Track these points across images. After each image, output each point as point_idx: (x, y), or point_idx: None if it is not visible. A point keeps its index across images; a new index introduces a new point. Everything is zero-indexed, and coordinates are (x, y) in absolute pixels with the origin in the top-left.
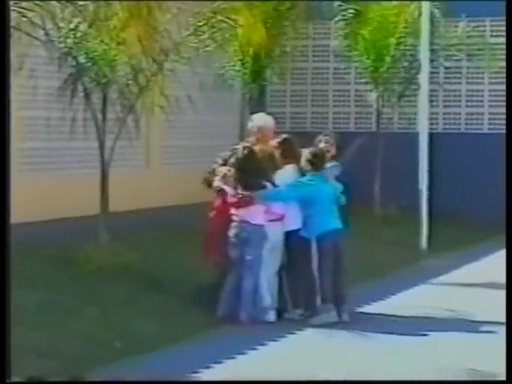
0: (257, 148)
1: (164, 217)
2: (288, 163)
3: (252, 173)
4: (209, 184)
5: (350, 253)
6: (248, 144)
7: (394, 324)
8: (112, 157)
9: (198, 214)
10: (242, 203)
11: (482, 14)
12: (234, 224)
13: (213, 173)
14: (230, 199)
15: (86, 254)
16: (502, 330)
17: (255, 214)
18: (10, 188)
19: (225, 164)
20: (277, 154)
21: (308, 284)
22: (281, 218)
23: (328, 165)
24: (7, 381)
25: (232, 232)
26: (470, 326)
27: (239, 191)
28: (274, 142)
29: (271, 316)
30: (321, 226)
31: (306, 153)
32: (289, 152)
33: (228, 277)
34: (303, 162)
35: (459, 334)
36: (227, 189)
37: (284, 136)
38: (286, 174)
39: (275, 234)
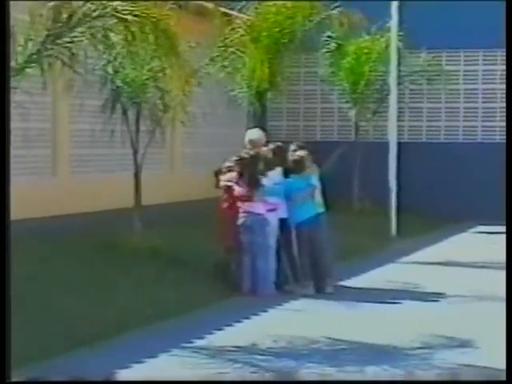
0: (251, 154)
1: (184, 209)
2: (279, 165)
3: (252, 173)
4: (217, 183)
5: (332, 238)
6: (248, 152)
7: (369, 295)
8: (143, 161)
9: (209, 206)
10: (246, 197)
11: (439, 46)
12: (240, 214)
13: (220, 173)
14: (237, 195)
15: (123, 239)
16: (457, 300)
17: (256, 206)
18: (10, 188)
19: (231, 167)
20: (271, 156)
21: (291, 263)
22: (275, 209)
23: (308, 168)
24: (7, 381)
25: (240, 221)
26: (429, 296)
27: (243, 188)
28: (270, 147)
29: (274, 289)
30: (297, 217)
31: (292, 157)
32: (279, 156)
33: (242, 258)
34: (290, 164)
35: (421, 302)
36: (234, 186)
37: (278, 144)
38: (276, 174)
39: (272, 220)
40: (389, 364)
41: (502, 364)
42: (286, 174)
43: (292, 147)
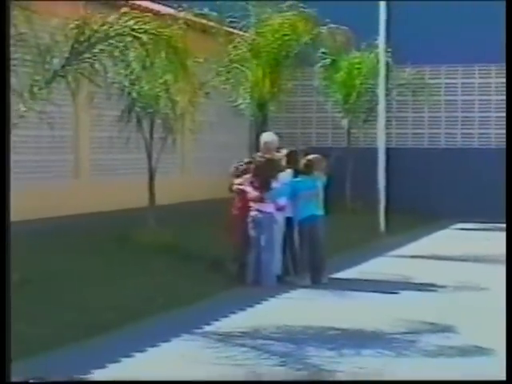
0: (266, 158)
1: (195, 207)
2: (290, 167)
3: (265, 176)
4: (231, 186)
5: (327, 234)
6: (260, 155)
7: (361, 285)
8: (157, 165)
9: (215, 205)
10: (258, 198)
11: (422, 61)
12: (252, 213)
13: (234, 175)
14: (249, 196)
15: (138, 235)
16: (439, 289)
17: (266, 206)
18: (10, 188)
19: (243, 170)
20: (283, 160)
21: (292, 257)
22: (283, 208)
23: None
24: (7, 381)
25: (251, 218)
26: (414, 285)
27: (256, 190)
28: (283, 152)
29: (275, 280)
30: (301, 214)
31: (303, 161)
32: (292, 159)
33: (250, 252)
34: (301, 167)
35: (406, 292)
36: (246, 188)
37: (290, 149)
38: (286, 176)
39: (280, 219)
40: (380, 347)
41: (481, 345)
42: (296, 174)
43: (304, 152)
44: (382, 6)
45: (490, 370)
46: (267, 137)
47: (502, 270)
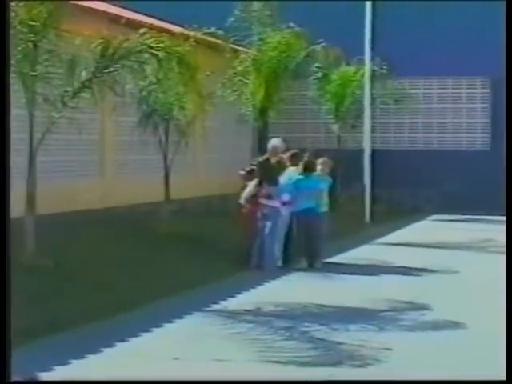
0: (272, 159)
1: (205, 202)
2: (293, 166)
3: (270, 174)
4: (244, 182)
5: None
6: (266, 156)
7: (349, 269)
8: (171, 164)
9: (225, 200)
10: (265, 195)
11: (403, 74)
12: (261, 207)
13: (245, 175)
14: (259, 193)
15: (155, 225)
16: (416, 272)
17: (273, 201)
18: (10, 188)
19: (251, 170)
20: (288, 161)
21: (291, 244)
22: (288, 203)
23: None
24: (7, 380)
25: (259, 212)
26: (394, 269)
27: (265, 187)
28: (288, 154)
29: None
30: (298, 207)
31: (304, 161)
32: (295, 160)
33: (256, 240)
34: (301, 166)
35: (388, 275)
36: (256, 187)
37: (294, 151)
38: (290, 173)
39: (284, 212)
40: (364, 322)
41: (452, 319)
42: (301, 174)
43: (306, 154)
44: (368, 26)
45: (459, 341)
46: (275, 142)
47: (469, 254)
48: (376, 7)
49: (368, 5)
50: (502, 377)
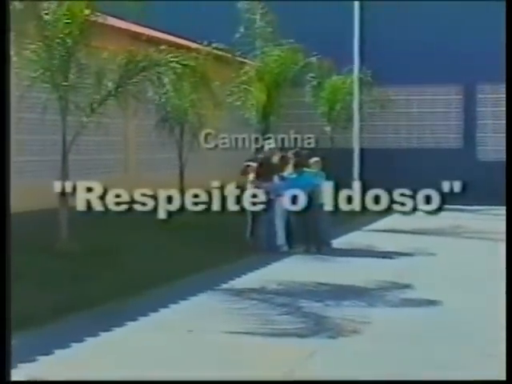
0: (272, 157)
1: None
2: (285, 165)
3: (268, 170)
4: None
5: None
6: (266, 157)
7: (341, 252)
8: (186, 162)
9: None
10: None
11: (388, 83)
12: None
13: (244, 172)
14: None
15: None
16: (400, 255)
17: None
18: (10, 187)
19: (252, 167)
20: (289, 159)
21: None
22: (282, 197)
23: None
24: (7, 380)
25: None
26: (381, 253)
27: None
28: (290, 153)
29: (284, 248)
30: (293, 201)
31: (296, 161)
32: (285, 161)
33: (260, 228)
34: (292, 164)
35: (375, 258)
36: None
37: (295, 150)
38: (287, 171)
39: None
40: (355, 299)
41: (431, 298)
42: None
43: (291, 154)
44: (356, 40)
45: (439, 318)
46: (271, 144)
47: (446, 239)
48: (364, 23)
49: (356, 22)
50: (502, 377)
